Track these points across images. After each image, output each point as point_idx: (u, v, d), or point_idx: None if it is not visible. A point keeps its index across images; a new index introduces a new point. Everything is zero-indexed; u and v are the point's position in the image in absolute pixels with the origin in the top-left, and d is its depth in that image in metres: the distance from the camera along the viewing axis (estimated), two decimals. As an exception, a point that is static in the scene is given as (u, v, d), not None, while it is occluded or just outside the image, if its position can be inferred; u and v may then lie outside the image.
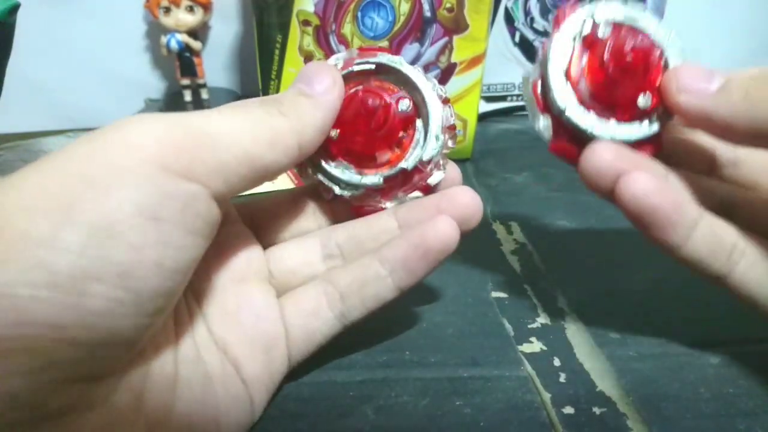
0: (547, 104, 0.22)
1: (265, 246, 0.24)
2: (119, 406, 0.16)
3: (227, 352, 0.21)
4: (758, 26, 0.65)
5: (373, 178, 0.23)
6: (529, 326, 0.27)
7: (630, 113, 0.21)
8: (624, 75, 0.21)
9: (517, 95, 0.54)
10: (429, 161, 0.23)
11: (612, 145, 0.20)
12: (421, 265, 0.21)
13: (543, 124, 0.22)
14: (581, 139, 0.21)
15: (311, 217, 0.25)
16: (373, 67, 0.23)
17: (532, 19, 0.52)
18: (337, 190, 0.23)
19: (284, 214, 0.25)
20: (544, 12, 0.51)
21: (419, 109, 0.23)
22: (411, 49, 0.41)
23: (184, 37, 0.51)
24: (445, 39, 0.41)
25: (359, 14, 0.40)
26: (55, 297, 0.14)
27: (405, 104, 0.23)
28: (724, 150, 0.24)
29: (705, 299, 0.28)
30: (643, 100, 0.21)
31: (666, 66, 0.21)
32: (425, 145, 0.23)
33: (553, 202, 0.40)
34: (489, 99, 0.54)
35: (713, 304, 0.28)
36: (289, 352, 0.22)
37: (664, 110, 0.21)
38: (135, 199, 0.15)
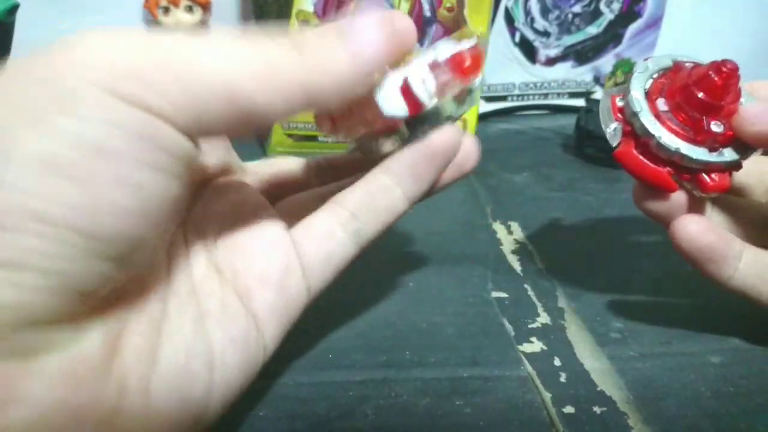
0: (622, 111, 0.23)
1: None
2: (86, 353, 0.15)
3: (236, 282, 0.20)
4: (758, 26, 0.65)
5: None
6: (530, 326, 0.27)
7: (703, 137, 0.22)
8: (705, 100, 0.22)
9: (518, 95, 0.54)
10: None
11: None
12: (428, 170, 0.22)
13: (613, 127, 0.23)
14: (646, 147, 0.23)
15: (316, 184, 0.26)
16: None
17: (533, 19, 0.52)
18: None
19: (291, 178, 0.26)
20: (545, 12, 0.51)
21: None
22: (411, 48, 0.41)
23: (183, 37, 0.52)
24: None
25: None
26: (3, 236, 0.13)
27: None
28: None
29: (705, 299, 0.28)
30: (716, 127, 0.22)
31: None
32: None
33: (553, 202, 0.40)
34: (489, 99, 0.54)
35: (714, 304, 0.28)
36: (307, 280, 0.21)
37: (738, 144, 0.22)
38: (75, 130, 0.14)
